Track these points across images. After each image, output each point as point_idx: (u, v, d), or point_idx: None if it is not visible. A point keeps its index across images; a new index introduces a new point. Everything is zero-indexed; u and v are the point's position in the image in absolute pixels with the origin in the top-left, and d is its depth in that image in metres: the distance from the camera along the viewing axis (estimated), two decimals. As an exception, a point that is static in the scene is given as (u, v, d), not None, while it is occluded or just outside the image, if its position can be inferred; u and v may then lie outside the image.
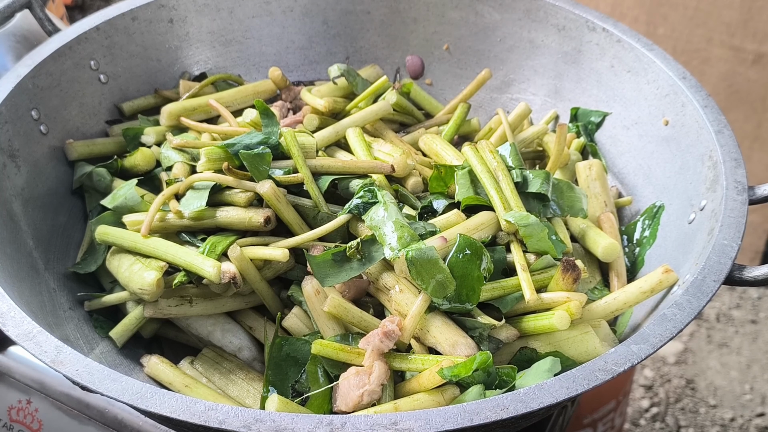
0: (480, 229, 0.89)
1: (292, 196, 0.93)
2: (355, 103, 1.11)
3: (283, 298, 0.93)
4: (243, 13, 1.22)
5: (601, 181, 1.03)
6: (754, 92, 1.88)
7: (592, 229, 0.96)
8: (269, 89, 1.17)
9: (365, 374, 0.79)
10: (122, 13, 1.12)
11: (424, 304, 0.82)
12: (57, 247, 0.99)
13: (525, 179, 0.94)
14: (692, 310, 0.75)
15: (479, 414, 0.65)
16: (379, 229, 0.85)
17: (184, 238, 0.94)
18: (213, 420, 0.64)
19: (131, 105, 1.15)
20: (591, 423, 1.37)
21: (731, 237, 0.82)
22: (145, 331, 0.95)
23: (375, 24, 1.25)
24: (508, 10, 1.18)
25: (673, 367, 1.96)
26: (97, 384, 0.68)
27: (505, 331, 0.84)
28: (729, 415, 1.86)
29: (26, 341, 0.73)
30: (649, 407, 1.89)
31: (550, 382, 0.68)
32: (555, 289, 0.86)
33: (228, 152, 0.94)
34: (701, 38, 1.86)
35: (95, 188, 1.04)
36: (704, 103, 0.97)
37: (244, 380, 0.89)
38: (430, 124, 1.16)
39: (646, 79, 1.06)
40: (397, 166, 0.96)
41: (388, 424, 0.64)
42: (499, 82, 1.22)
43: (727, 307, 2.09)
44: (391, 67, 1.26)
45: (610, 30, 1.10)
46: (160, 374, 0.89)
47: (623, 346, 0.71)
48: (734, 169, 0.89)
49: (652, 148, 1.05)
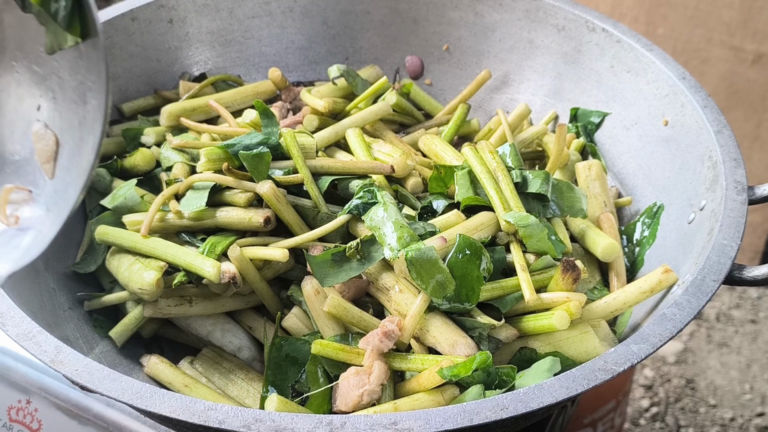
0: (480, 230, 0.89)
1: (292, 196, 0.93)
2: (354, 104, 1.11)
3: (282, 298, 0.93)
4: (243, 14, 1.22)
5: (600, 181, 1.03)
6: (754, 92, 1.88)
7: (592, 229, 0.96)
8: (269, 90, 1.17)
9: (365, 374, 0.79)
10: (122, 14, 1.12)
11: (424, 304, 0.82)
12: (57, 247, 0.99)
13: (525, 179, 0.94)
14: (692, 309, 0.75)
15: (479, 414, 0.65)
16: (378, 230, 0.85)
17: (183, 238, 0.94)
18: (213, 420, 0.64)
19: (131, 105, 1.15)
20: (591, 423, 1.37)
21: (731, 237, 0.82)
22: (145, 331, 0.95)
23: (375, 24, 1.25)
24: (507, 10, 1.18)
25: (673, 366, 1.96)
26: (97, 384, 0.68)
27: (505, 331, 0.84)
28: (729, 415, 1.86)
29: (26, 341, 0.73)
30: (649, 407, 1.89)
31: (550, 382, 0.68)
32: (555, 289, 0.86)
33: (228, 152, 0.94)
34: (701, 38, 1.86)
35: (95, 188, 1.04)
36: (704, 103, 0.97)
37: (243, 380, 0.89)
38: (429, 124, 1.16)
39: (646, 80, 1.06)
40: (397, 166, 0.96)
41: (388, 424, 0.64)
42: (498, 83, 1.22)
43: (727, 306, 2.09)
44: (391, 68, 1.26)
45: (609, 30, 1.10)
46: (160, 374, 0.89)
47: (623, 346, 0.71)
48: (734, 169, 0.89)
49: (652, 149, 1.05)
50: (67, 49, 0.66)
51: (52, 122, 0.69)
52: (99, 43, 0.65)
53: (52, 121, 0.69)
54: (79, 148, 0.67)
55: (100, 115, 0.65)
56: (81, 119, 0.67)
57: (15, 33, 0.68)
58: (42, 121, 0.70)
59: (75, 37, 0.65)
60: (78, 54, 0.66)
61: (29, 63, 0.69)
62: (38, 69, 0.69)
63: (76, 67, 0.67)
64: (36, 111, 0.70)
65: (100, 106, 0.65)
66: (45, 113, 0.70)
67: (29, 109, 0.70)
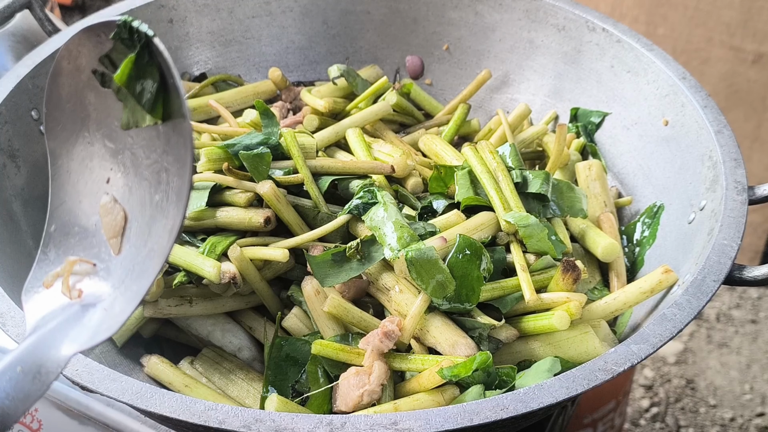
0: (480, 230, 0.89)
1: (292, 196, 0.93)
2: (355, 104, 1.11)
3: (283, 298, 0.93)
4: (243, 13, 1.22)
5: (600, 181, 1.03)
6: (754, 92, 1.88)
7: (592, 229, 0.96)
8: (269, 90, 1.17)
9: (365, 374, 0.79)
10: (122, 14, 1.12)
11: (424, 305, 0.82)
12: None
13: (525, 180, 0.94)
14: (692, 310, 0.75)
15: (479, 414, 0.65)
16: (378, 230, 0.85)
17: (183, 238, 0.94)
18: (213, 420, 0.64)
19: (131, 105, 1.15)
20: (591, 423, 1.37)
21: (731, 237, 0.82)
22: (145, 331, 0.95)
23: (375, 24, 1.25)
24: (507, 10, 1.18)
25: (673, 367, 1.96)
26: (97, 384, 0.68)
27: (505, 332, 0.84)
28: (729, 415, 1.86)
29: (26, 341, 0.73)
30: (649, 407, 1.89)
31: (550, 382, 0.68)
32: (555, 290, 0.86)
33: (228, 152, 0.94)
34: (701, 38, 1.86)
35: (95, 188, 1.04)
36: (704, 103, 0.97)
37: (244, 380, 0.89)
38: (430, 124, 1.16)
39: (646, 80, 1.06)
40: (397, 166, 0.96)
41: (388, 424, 0.64)
42: (498, 82, 1.22)
43: (727, 307, 2.09)
44: (391, 68, 1.26)
45: (609, 30, 1.10)
46: (160, 374, 0.89)
47: (623, 346, 0.71)
48: (734, 169, 0.89)
49: (652, 148, 1.05)
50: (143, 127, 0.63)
51: (122, 198, 0.66)
52: (183, 127, 0.61)
53: (122, 197, 0.66)
54: (150, 229, 0.64)
55: (178, 200, 0.61)
56: (154, 201, 0.63)
57: (92, 106, 0.66)
58: (111, 194, 0.67)
59: (155, 118, 0.62)
60: (156, 134, 0.63)
61: (102, 135, 0.66)
62: (111, 144, 0.66)
63: (153, 146, 0.63)
64: (105, 183, 0.67)
65: (179, 191, 0.61)
66: (115, 187, 0.66)
67: (99, 181, 0.67)
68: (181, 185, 0.61)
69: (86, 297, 0.64)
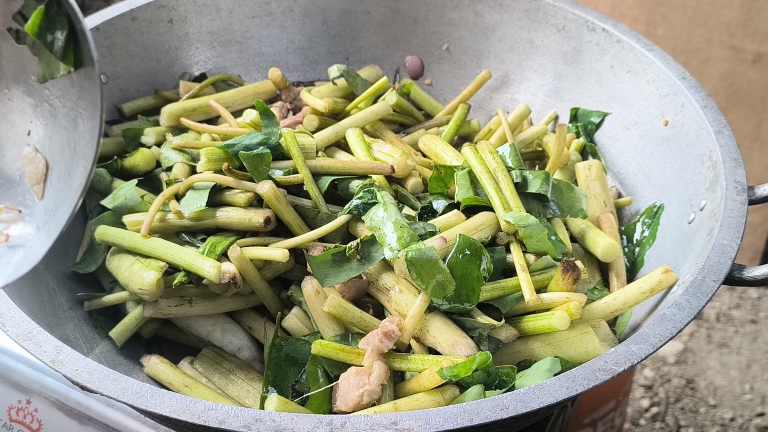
0: (480, 230, 0.89)
1: (292, 196, 0.93)
2: (354, 104, 1.11)
3: (283, 298, 0.93)
4: (243, 14, 1.22)
5: (600, 181, 1.03)
6: (754, 92, 1.88)
7: (592, 229, 0.96)
8: (269, 90, 1.17)
9: (365, 374, 0.79)
10: (122, 14, 1.12)
11: (424, 305, 0.82)
12: (57, 247, 0.98)
13: (525, 180, 0.94)
14: (692, 310, 0.75)
15: (479, 414, 0.65)
16: (378, 230, 0.85)
17: (184, 238, 0.94)
18: (213, 420, 0.64)
19: (131, 105, 1.15)
20: (591, 423, 1.37)
21: (731, 237, 0.82)
22: (145, 331, 0.95)
23: (375, 24, 1.25)
24: (507, 10, 1.18)
25: (673, 367, 1.96)
26: (97, 384, 0.68)
27: (505, 332, 0.84)
28: (729, 415, 1.86)
29: (26, 341, 0.73)
30: (649, 407, 1.89)
31: (550, 382, 0.68)
32: (555, 290, 0.86)
33: (228, 153, 0.94)
34: (701, 38, 1.86)
35: (95, 188, 1.04)
36: (704, 103, 0.97)
37: (244, 380, 0.89)
38: (430, 124, 1.16)
39: (646, 80, 1.06)
40: (397, 166, 0.96)
41: (388, 424, 0.64)
42: (498, 82, 1.22)
43: (727, 307, 2.09)
44: (391, 68, 1.26)
45: (609, 30, 1.10)
46: (160, 374, 0.89)
47: (623, 346, 0.71)
48: (734, 169, 0.89)
49: (652, 149, 1.05)
50: (58, 78, 0.68)
51: (42, 147, 0.72)
52: (93, 72, 0.66)
53: (42, 146, 0.72)
54: (69, 172, 0.69)
55: (92, 141, 0.66)
56: (72, 144, 0.69)
57: (9, 63, 0.70)
58: (32, 145, 0.72)
59: (68, 66, 0.67)
60: (70, 82, 0.68)
61: (21, 92, 0.71)
62: (30, 98, 0.70)
63: (68, 95, 0.68)
64: (26, 136, 0.72)
65: (92, 132, 0.66)
66: (36, 138, 0.72)
67: (20, 134, 0.72)
68: (93, 125, 0.66)
69: (12, 239, 0.71)
